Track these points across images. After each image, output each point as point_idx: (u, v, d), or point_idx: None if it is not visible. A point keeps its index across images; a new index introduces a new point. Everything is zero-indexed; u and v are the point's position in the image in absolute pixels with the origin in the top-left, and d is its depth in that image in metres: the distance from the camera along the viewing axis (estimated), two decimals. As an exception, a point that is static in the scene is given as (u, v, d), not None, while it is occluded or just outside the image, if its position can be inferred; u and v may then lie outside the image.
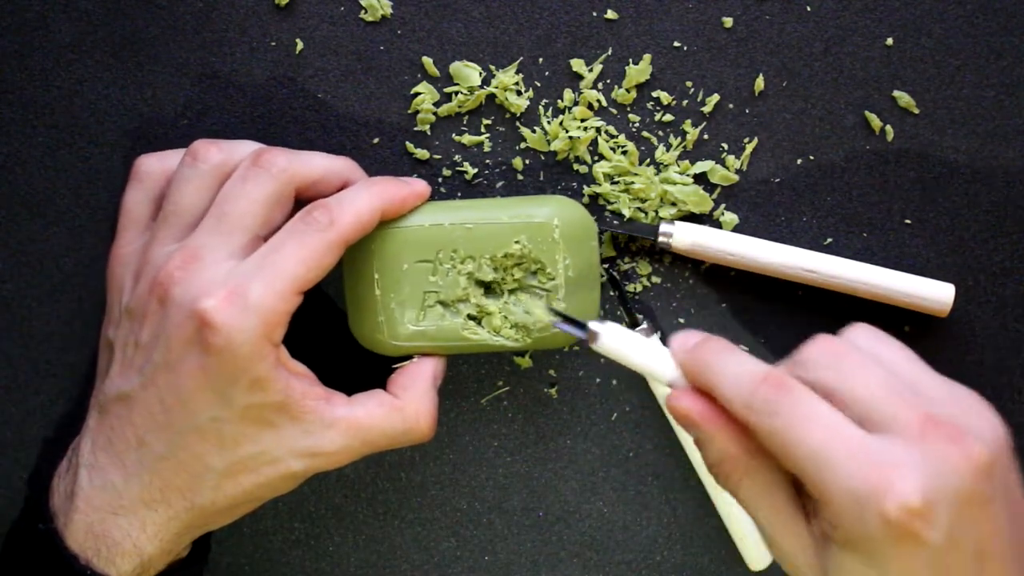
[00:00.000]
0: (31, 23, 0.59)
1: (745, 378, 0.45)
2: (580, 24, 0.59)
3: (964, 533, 0.42)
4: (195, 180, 0.53)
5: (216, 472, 0.52)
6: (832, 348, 0.46)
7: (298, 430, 0.52)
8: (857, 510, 0.42)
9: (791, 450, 0.43)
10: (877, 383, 0.44)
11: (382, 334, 0.55)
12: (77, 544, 0.51)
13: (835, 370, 0.45)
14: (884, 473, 0.42)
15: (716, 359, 0.47)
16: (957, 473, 0.42)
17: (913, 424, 0.43)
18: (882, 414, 0.44)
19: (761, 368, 0.45)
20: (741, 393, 0.45)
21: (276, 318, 0.50)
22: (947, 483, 0.42)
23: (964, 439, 0.43)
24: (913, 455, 0.42)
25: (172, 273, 0.51)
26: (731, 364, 0.46)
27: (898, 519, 0.41)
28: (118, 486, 0.52)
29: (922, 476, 0.42)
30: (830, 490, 0.43)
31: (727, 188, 0.60)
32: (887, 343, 0.47)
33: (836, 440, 0.43)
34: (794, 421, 0.43)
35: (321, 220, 0.51)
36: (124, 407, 0.52)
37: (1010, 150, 0.59)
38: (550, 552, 0.62)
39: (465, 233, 0.54)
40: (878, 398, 0.44)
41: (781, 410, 0.44)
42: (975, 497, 0.42)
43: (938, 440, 0.43)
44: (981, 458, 0.42)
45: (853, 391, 0.44)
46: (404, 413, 0.54)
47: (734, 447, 0.46)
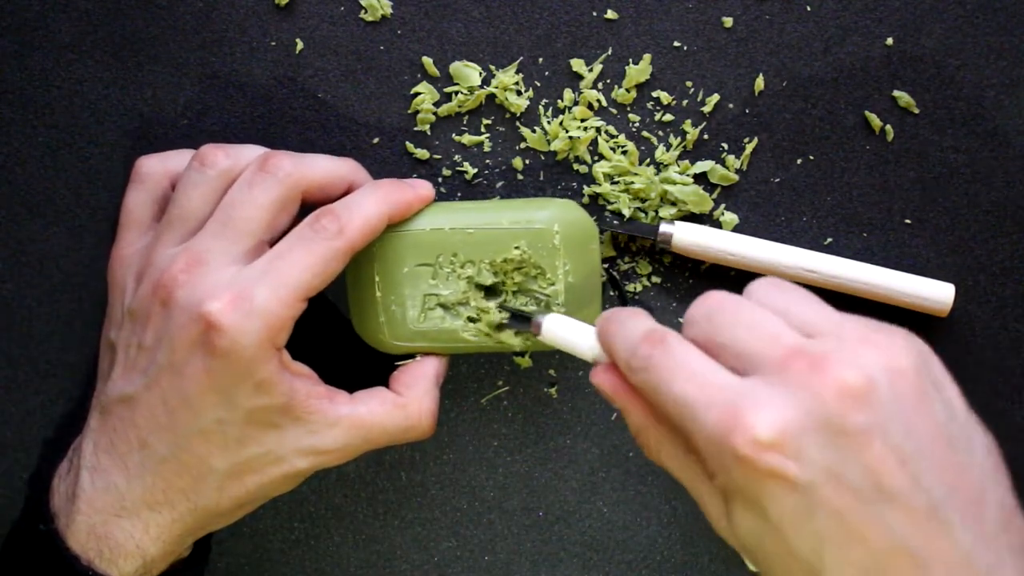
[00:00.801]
0: (31, 23, 0.59)
1: (628, 339, 0.45)
2: (580, 24, 0.59)
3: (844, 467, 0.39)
4: (202, 185, 0.53)
5: (219, 474, 0.52)
6: (712, 301, 0.44)
7: (302, 430, 0.52)
8: (716, 454, 0.40)
9: (662, 403, 0.43)
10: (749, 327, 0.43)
11: (383, 334, 0.56)
12: (79, 545, 0.51)
13: (710, 320, 0.44)
14: (735, 410, 0.40)
15: (613, 326, 0.46)
16: (820, 401, 0.39)
17: (776, 359, 0.41)
18: (750, 355, 0.42)
19: (647, 327, 0.45)
20: (624, 354, 0.45)
21: (280, 323, 0.50)
22: (809, 413, 0.39)
23: (829, 366, 0.40)
24: (769, 389, 0.40)
25: (176, 276, 0.51)
26: (624, 328, 0.46)
27: (749, 455, 0.39)
28: (120, 488, 0.52)
29: (775, 408, 0.39)
30: (696, 438, 0.41)
31: (727, 188, 0.60)
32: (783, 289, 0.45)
33: (699, 386, 0.41)
34: (663, 373, 0.42)
35: (330, 228, 0.51)
36: (127, 409, 0.52)
37: (1010, 150, 0.59)
38: (550, 552, 0.62)
39: (465, 238, 0.55)
40: (745, 340, 0.42)
41: (651, 364, 0.43)
42: (848, 427, 0.39)
43: (799, 371, 0.40)
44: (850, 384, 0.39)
45: (723, 337, 0.43)
46: (407, 411, 0.54)
47: (644, 416, 0.46)
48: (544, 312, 0.52)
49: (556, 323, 0.51)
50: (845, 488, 0.39)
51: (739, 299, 0.44)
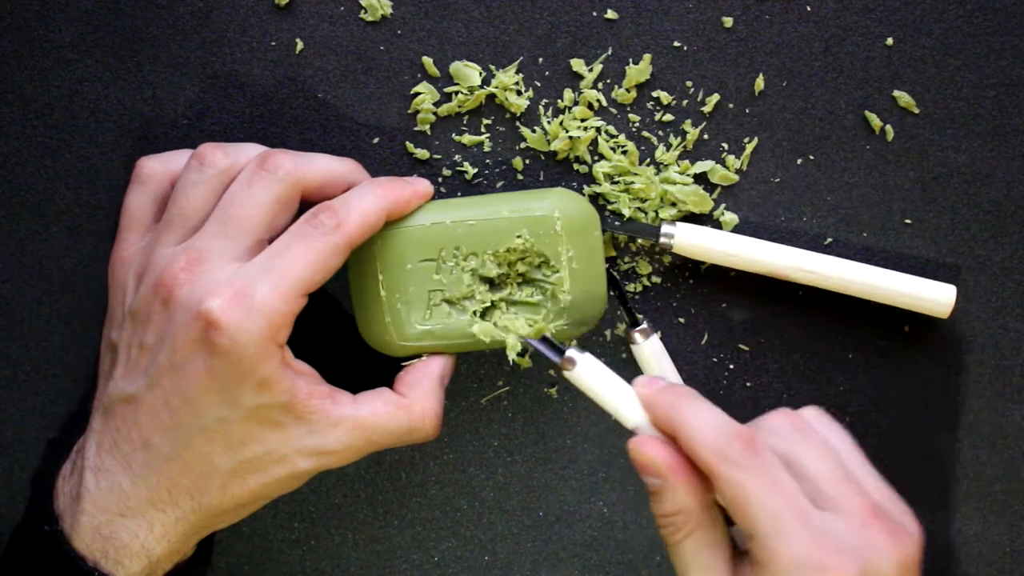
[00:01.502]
0: (31, 23, 0.59)
1: (720, 426, 0.48)
2: (580, 24, 0.59)
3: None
4: (201, 184, 0.53)
5: (223, 472, 0.52)
6: (793, 422, 0.50)
7: (304, 429, 0.52)
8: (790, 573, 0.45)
9: (751, 507, 0.46)
10: (830, 464, 0.48)
11: (390, 335, 0.55)
12: (84, 545, 0.51)
13: (795, 444, 0.49)
14: (829, 548, 0.45)
15: (687, 404, 0.49)
16: (889, 564, 0.46)
17: (858, 511, 0.47)
18: (832, 494, 0.47)
19: (735, 422, 0.48)
20: (716, 441, 0.47)
21: (281, 319, 0.50)
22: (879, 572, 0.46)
23: (900, 534, 0.47)
24: (855, 540, 0.46)
25: (177, 275, 0.51)
26: (704, 409, 0.49)
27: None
28: (125, 488, 0.52)
29: (859, 561, 0.45)
30: (778, 554, 0.46)
31: (727, 188, 0.60)
32: (834, 428, 0.51)
33: (792, 508, 0.46)
34: (761, 480, 0.46)
35: (327, 223, 0.51)
36: (129, 409, 0.52)
37: (1010, 150, 0.59)
38: (550, 552, 0.62)
39: (467, 230, 0.54)
40: (830, 478, 0.48)
41: (752, 466, 0.46)
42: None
43: (878, 530, 0.46)
44: (909, 555, 0.47)
45: (809, 467, 0.48)
46: (410, 412, 0.54)
47: (693, 500, 0.48)
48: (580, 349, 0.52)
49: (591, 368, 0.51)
50: None
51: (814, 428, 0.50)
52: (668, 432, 0.49)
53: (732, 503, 0.47)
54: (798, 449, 0.48)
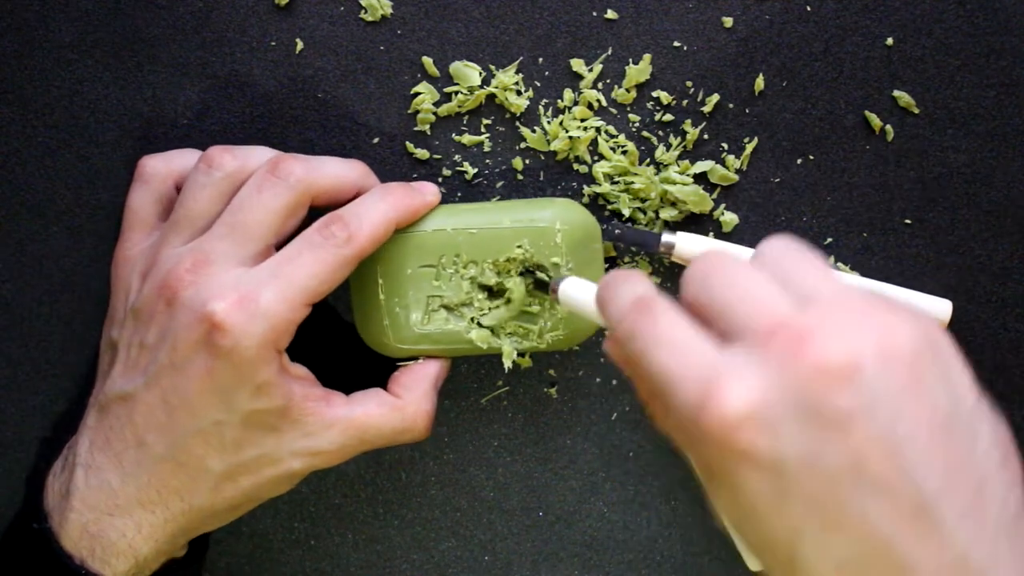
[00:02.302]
0: (31, 23, 0.59)
1: (620, 306, 0.42)
2: (580, 24, 0.59)
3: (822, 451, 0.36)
4: (208, 187, 0.53)
5: (215, 475, 0.52)
6: (712, 261, 0.41)
7: (298, 432, 0.52)
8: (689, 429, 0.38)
9: (646, 374, 0.40)
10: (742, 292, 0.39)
11: (387, 337, 0.56)
12: (72, 543, 0.51)
13: (705, 283, 0.40)
14: (709, 384, 0.37)
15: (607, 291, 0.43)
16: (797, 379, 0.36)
17: (761, 330, 0.37)
18: (737, 324, 0.38)
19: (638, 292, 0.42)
20: (616, 323, 0.42)
21: (284, 326, 0.50)
22: (784, 391, 0.36)
23: (812, 341, 0.36)
24: (747, 363, 0.37)
25: (182, 276, 0.51)
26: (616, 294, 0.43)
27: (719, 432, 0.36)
28: (114, 486, 0.52)
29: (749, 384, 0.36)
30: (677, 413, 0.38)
31: (727, 188, 0.60)
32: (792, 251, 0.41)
33: (678, 358, 0.38)
34: (647, 343, 0.39)
35: (339, 235, 0.51)
36: (125, 407, 0.52)
37: (1010, 150, 0.59)
38: (550, 552, 0.62)
39: (468, 238, 0.55)
40: (737, 307, 0.39)
41: (636, 332, 0.40)
42: (826, 408, 0.36)
43: (781, 345, 0.36)
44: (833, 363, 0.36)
45: (715, 302, 0.40)
46: (403, 413, 0.54)
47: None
48: (563, 276, 0.52)
49: (572, 286, 0.51)
50: (824, 475, 0.36)
51: (739, 261, 0.41)
52: None
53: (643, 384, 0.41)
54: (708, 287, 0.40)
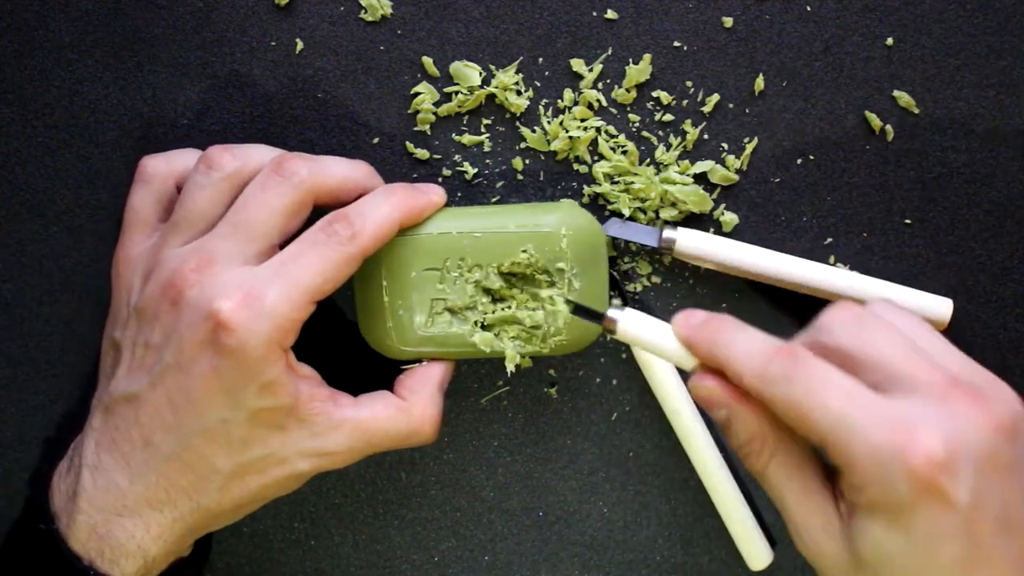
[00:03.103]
0: (31, 23, 0.59)
1: (757, 350, 0.46)
2: (580, 24, 0.59)
3: (989, 494, 0.42)
4: (208, 188, 0.53)
5: (223, 474, 0.52)
6: (854, 313, 0.46)
7: (305, 432, 0.52)
8: (881, 467, 0.42)
9: (810, 418, 0.44)
10: (897, 346, 0.45)
11: (391, 340, 0.56)
12: (80, 545, 0.51)
13: (855, 334, 0.45)
14: (908, 428, 0.42)
15: (724, 334, 0.47)
16: (981, 432, 0.42)
17: (935, 385, 0.43)
18: (902, 376, 0.44)
19: (773, 340, 0.46)
20: (754, 366, 0.45)
21: (289, 324, 0.50)
22: (971, 441, 0.42)
23: (986, 400, 0.43)
24: (936, 413, 0.42)
25: (187, 275, 0.51)
26: (741, 338, 0.46)
27: (922, 472, 0.41)
28: (122, 487, 0.52)
29: (945, 431, 0.42)
30: (853, 452, 0.43)
31: (727, 188, 0.60)
32: (907, 315, 0.47)
33: (855, 403, 0.43)
34: (811, 388, 0.44)
35: (342, 233, 0.52)
36: (131, 407, 0.52)
37: (1010, 150, 0.59)
38: (550, 552, 0.62)
39: (473, 242, 0.55)
40: (898, 361, 0.44)
41: (796, 378, 0.44)
42: (998, 457, 0.42)
43: (961, 400, 0.43)
44: (1004, 420, 0.43)
45: (873, 354, 0.45)
46: (410, 416, 0.54)
47: (761, 424, 0.46)
48: (619, 308, 0.52)
49: (635, 321, 0.50)
50: (987, 516, 0.42)
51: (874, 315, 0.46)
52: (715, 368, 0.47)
53: (792, 422, 0.45)
54: (860, 339, 0.45)
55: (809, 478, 0.46)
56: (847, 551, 0.45)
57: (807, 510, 0.46)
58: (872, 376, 0.44)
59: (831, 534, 0.45)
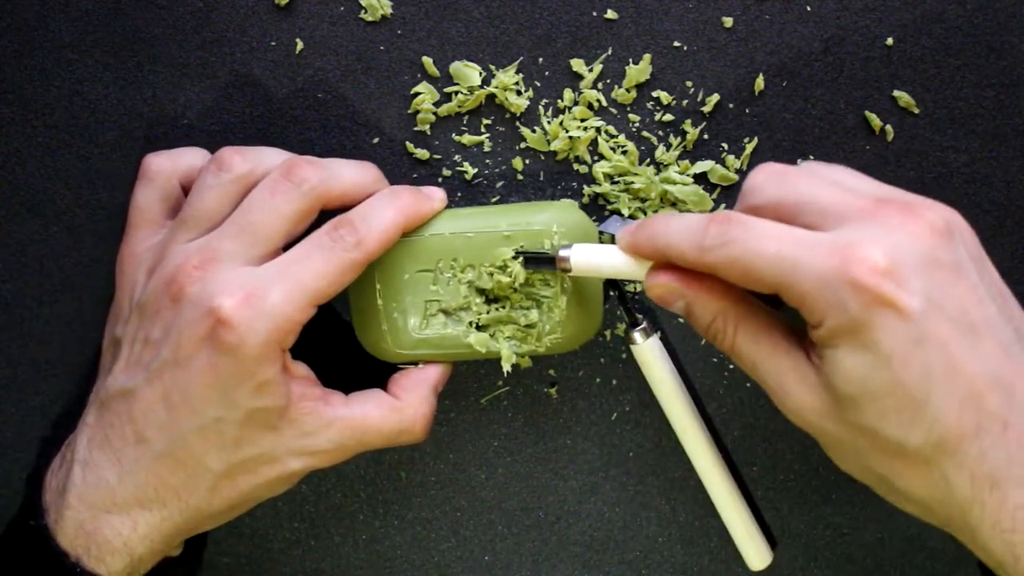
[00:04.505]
0: (31, 23, 0.59)
1: (691, 227, 0.46)
2: (580, 24, 0.59)
3: (941, 296, 0.42)
4: (216, 188, 0.53)
5: (214, 473, 0.52)
6: (775, 168, 0.47)
7: (297, 431, 0.52)
8: (830, 293, 0.43)
9: (755, 269, 0.44)
10: (822, 187, 0.46)
11: (386, 343, 0.56)
12: (68, 541, 0.51)
13: (779, 186, 0.46)
14: (846, 249, 0.43)
15: (659, 225, 0.48)
16: (916, 237, 0.43)
17: (865, 209, 0.44)
18: (832, 211, 0.45)
19: (704, 214, 0.47)
20: (692, 241, 0.46)
21: (290, 326, 0.50)
22: (908, 247, 0.43)
23: (916, 209, 0.44)
24: (871, 231, 0.43)
25: (190, 272, 0.51)
26: (674, 223, 0.47)
27: (869, 282, 0.42)
28: (112, 483, 0.52)
29: (882, 243, 0.43)
30: (802, 288, 0.43)
31: (727, 188, 0.60)
32: (831, 165, 0.48)
33: (793, 243, 0.44)
34: (748, 243, 0.44)
35: (348, 240, 0.52)
36: (125, 403, 0.52)
37: (1010, 150, 0.59)
38: (550, 552, 0.62)
39: (465, 242, 0.55)
40: (825, 198, 0.45)
41: (732, 238, 0.45)
42: (941, 259, 0.43)
43: (891, 215, 0.44)
44: (936, 223, 0.43)
45: (800, 199, 0.46)
46: (402, 414, 0.54)
47: (719, 299, 0.47)
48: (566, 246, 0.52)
49: (584, 252, 0.52)
50: (945, 320, 0.42)
51: (796, 168, 0.47)
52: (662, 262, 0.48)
53: (741, 281, 0.45)
54: (783, 190, 0.46)
55: (777, 340, 0.47)
56: (827, 396, 0.45)
57: (781, 370, 0.46)
58: (804, 220, 0.45)
59: (809, 385, 0.46)
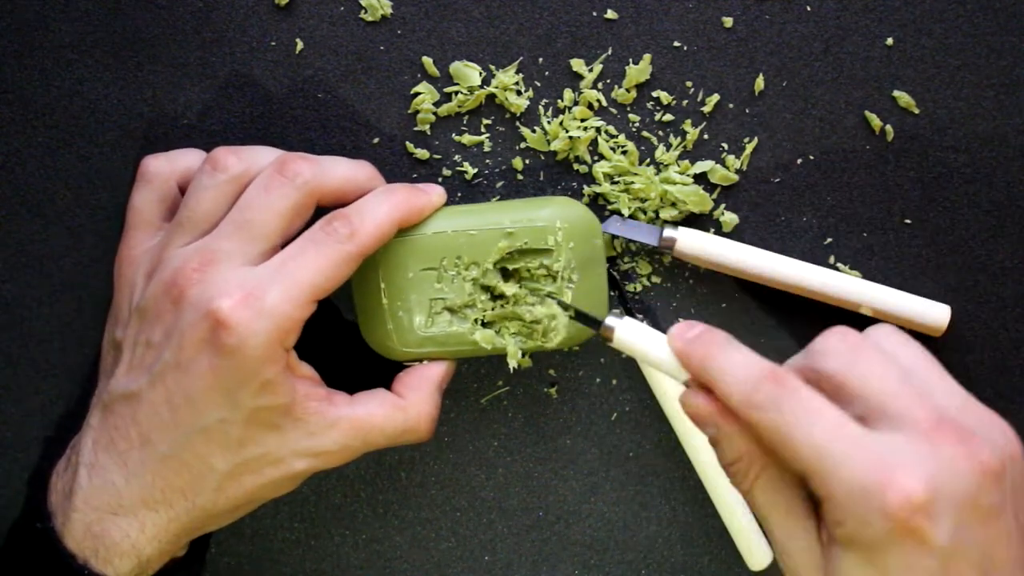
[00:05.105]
0: (31, 23, 0.59)
1: (747, 374, 0.45)
2: (580, 24, 0.59)
3: (969, 539, 0.41)
4: (212, 189, 0.53)
5: (219, 474, 0.52)
6: (849, 340, 0.45)
7: (301, 431, 0.52)
8: (860, 504, 0.42)
9: (794, 446, 0.43)
10: (890, 379, 0.44)
11: (391, 341, 0.56)
12: (75, 543, 0.51)
13: (848, 362, 0.45)
14: (889, 467, 0.41)
15: (716, 353, 0.46)
16: (964, 475, 0.42)
17: (922, 422, 0.42)
18: (891, 411, 0.43)
19: (764, 364, 0.45)
20: (743, 389, 0.45)
21: (290, 324, 0.50)
22: (953, 483, 0.41)
23: (973, 442, 0.42)
24: (919, 452, 0.42)
25: (190, 275, 0.51)
26: (733, 359, 0.46)
27: (900, 513, 0.41)
28: (118, 486, 0.52)
29: (927, 472, 0.41)
30: (833, 485, 0.42)
31: (727, 188, 0.60)
32: (908, 344, 0.46)
33: (840, 435, 0.43)
34: (797, 417, 0.43)
35: (341, 232, 0.52)
36: (129, 406, 0.52)
37: (1010, 150, 0.59)
38: (550, 552, 0.62)
39: (468, 240, 0.55)
40: (889, 394, 0.43)
41: (783, 406, 0.44)
42: (982, 502, 0.42)
43: (947, 440, 0.42)
44: (990, 464, 0.42)
45: (864, 385, 0.44)
46: (406, 413, 0.54)
47: (749, 445, 0.46)
48: (618, 315, 0.51)
49: (632, 331, 0.50)
50: (966, 561, 0.41)
51: (872, 345, 0.45)
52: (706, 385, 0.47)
53: (777, 448, 0.44)
54: (852, 367, 0.44)
55: (794, 502, 0.46)
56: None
57: (790, 533, 0.45)
58: (860, 408, 0.44)
59: (812, 559, 0.45)
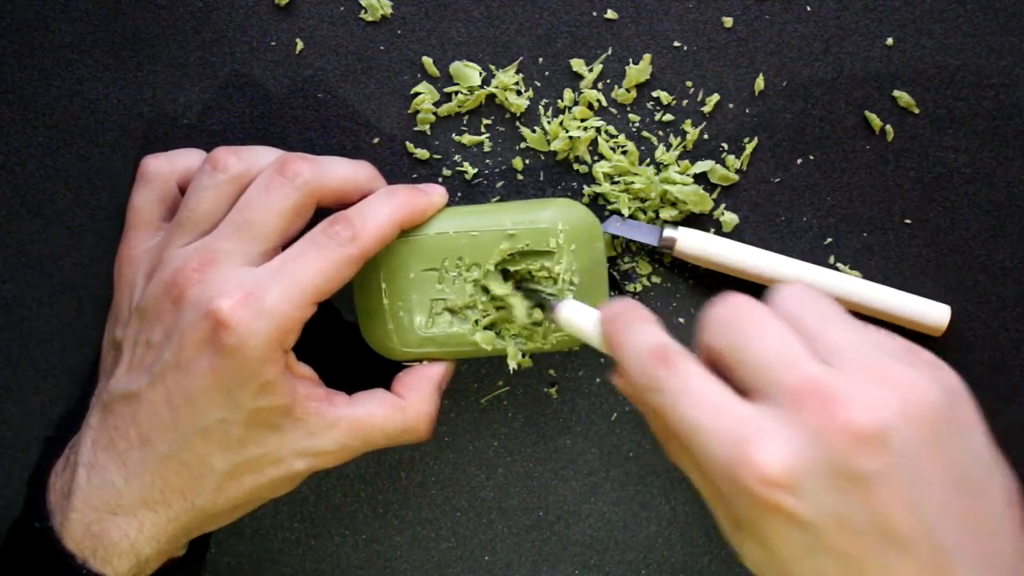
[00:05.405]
0: (31, 23, 0.59)
1: (638, 353, 0.44)
2: (580, 24, 0.59)
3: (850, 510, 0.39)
4: (212, 189, 0.53)
5: (218, 474, 0.52)
6: (732, 307, 0.44)
7: (301, 432, 0.52)
8: (726, 483, 0.40)
9: (675, 427, 0.42)
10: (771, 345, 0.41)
11: (392, 341, 0.56)
12: (74, 543, 0.51)
13: (728, 331, 0.43)
14: (745, 441, 0.40)
15: (621, 331, 0.46)
16: (829, 444, 0.39)
17: (790, 389, 0.40)
18: (766, 379, 0.41)
19: (656, 343, 0.44)
20: (634, 370, 0.44)
21: (290, 324, 0.50)
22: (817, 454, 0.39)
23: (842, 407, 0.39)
24: (780, 424, 0.40)
25: (190, 275, 0.51)
26: (633, 338, 0.45)
27: (756, 491, 0.39)
28: (118, 485, 0.52)
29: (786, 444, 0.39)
30: (707, 466, 0.41)
31: (727, 188, 0.60)
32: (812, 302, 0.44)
33: (710, 413, 0.41)
34: (674, 397, 0.42)
35: (343, 235, 0.52)
36: (129, 406, 0.52)
37: (1010, 150, 0.59)
38: (550, 552, 0.62)
39: (470, 241, 0.55)
40: (765, 362, 0.41)
41: (663, 386, 0.43)
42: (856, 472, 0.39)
43: (812, 408, 0.39)
44: (863, 429, 0.39)
45: (743, 354, 0.42)
46: (405, 413, 0.54)
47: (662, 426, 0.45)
48: (561, 298, 0.52)
49: (572, 310, 0.51)
50: (851, 531, 0.39)
51: (762, 309, 0.43)
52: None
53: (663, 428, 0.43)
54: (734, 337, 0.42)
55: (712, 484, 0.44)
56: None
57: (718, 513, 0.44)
58: (740, 377, 0.42)
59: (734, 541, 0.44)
